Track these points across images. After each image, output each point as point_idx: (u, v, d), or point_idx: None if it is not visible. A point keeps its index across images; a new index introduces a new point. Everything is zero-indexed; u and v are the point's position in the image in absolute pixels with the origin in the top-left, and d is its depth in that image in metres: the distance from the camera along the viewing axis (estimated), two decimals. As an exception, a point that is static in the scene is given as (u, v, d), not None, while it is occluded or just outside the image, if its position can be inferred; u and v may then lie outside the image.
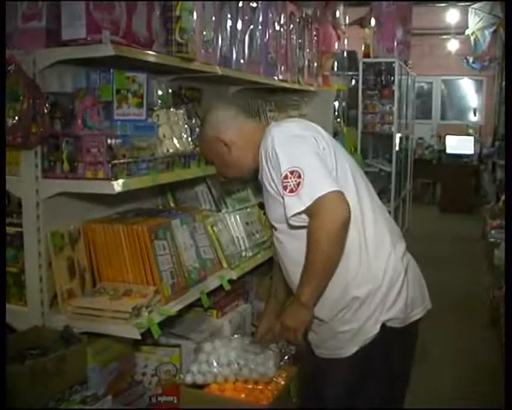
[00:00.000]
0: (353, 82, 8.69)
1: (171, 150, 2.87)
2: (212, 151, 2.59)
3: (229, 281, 3.22)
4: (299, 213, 2.19)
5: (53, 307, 2.68)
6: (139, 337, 2.53)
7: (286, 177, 2.19)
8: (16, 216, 2.74)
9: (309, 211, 2.16)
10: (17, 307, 2.73)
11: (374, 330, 2.33)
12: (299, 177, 2.17)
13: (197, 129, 3.17)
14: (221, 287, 3.18)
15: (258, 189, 3.38)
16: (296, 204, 2.17)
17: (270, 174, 2.30)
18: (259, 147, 2.40)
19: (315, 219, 2.17)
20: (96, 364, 2.66)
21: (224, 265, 3.26)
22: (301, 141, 2.30)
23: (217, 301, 3.43)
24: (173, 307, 2.76)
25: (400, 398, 2.56)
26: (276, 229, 2.43)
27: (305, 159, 2.23)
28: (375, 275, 2.33)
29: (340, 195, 2.16)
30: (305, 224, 2.22)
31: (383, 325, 2.34)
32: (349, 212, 2.17)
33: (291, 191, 2.17)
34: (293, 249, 2.37)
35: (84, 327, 2.57)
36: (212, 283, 3.11)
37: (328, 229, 2.15)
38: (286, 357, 3.12)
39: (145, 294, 2.66)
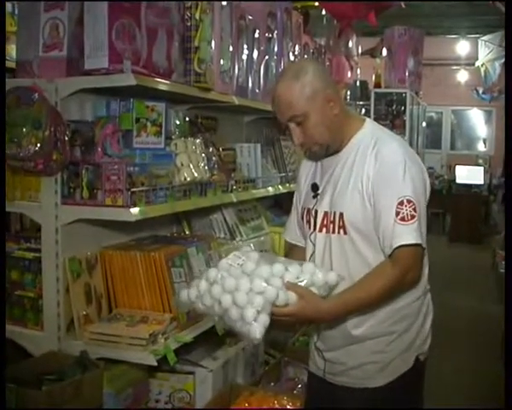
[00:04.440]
0: (364, 111, 8.73)
1: (188, 179, 2.90)
2: (313, 105, 2.20)
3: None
4: (407, 246, 2.10)
5: (69, 332, 2.70)
6: (155, 364, 2.55)
7: (402, 203, 2.10)
8: (34, 241, 2.77)
9: (400, 250, 2.11)
10: (34, 332, 2.74)
11: (406, 364, 2.31)
12: (415, 210, 2.11)
13: (213, 158, 3.21)
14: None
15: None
16: (407, 235, 2.09)
17: (377, 180, 2.17)
18: (347, 130, 2.29)
19: (398, 267, 2.12)
20: (112, 389, 2.67)
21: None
22: (421, 175, 2.23)
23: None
24: (189, 335, 2.78)
25: None
26: (345, 232, 2.24)
27: (421, 200, 2.18)
28: (413, 312, 2.32)
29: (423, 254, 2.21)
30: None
31: (416, 359, 2.33)
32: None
33: (402, 219, 2.09)
34: (350, 261, 2.25)
35: (101, 353, 2.59)
36: (227, 310, 3.12)
37: (400, 287, 2.19)
38: (299, 386, 3.12)
39: (161, 321, 2.68)
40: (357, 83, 8.75)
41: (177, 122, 3.12)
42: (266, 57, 3.87)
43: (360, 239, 2.22)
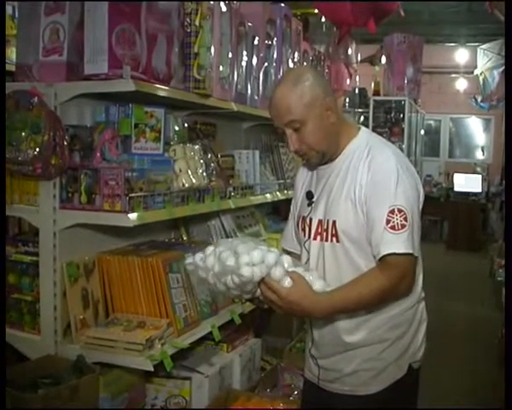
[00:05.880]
0: (363, 119, 8.75)
1: (186, 184, 2.91)
2: (312, 111, 2.20)
3: (240, 315, 3.23)
4: (396, 254, 2.11)
5: (66, 336, 2.70)
6: (152, 369, 2.55)
7: (393, 211, 2.11)
8: (32, 245, 2.77)
9: (390, 258, 2.12)
10: (30, 336, 2.75)
11: (400, 371, 2.32)
12: (405, 220, 2.11)
13: (212, 164, 3.22)
14: (232, 321, 3.20)
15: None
16: (396, 244, 2.10)
17: (370, 188, 2.18)
18: (342, 138, 2.31)
19: (387, 275, 2.13)
20: (108, 394, 2.67)
21: (236, 299, 3.27)
22: (414, 183, 2.24)
23: (227, 334, 3.44)
24: (185, 340, 2.78)
25: None
26: (337, 240, 2.25)
27: (414, 209, 2.18)
28: (407, 319, 2.33)
29: (415, 263, 2.21)
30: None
31: (409, 367, 2.34)
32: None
33: (392, 228, 2.10)
34: (343, 269, 2.26)
35: (97, 358, 2.59)
36: (224, 317, 3.13)
37: (392, 295, 2.20)
38: (295, 392, 3.12)
39: (158, 326, 2.68)
40: (356, 90, 8.77)
41: (176, 128, 3.13)
42: (265, 64, 3.87)
43: (352, 247, 2.23)
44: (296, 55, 4.39)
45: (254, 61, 3.69)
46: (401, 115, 8.26)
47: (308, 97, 2.20)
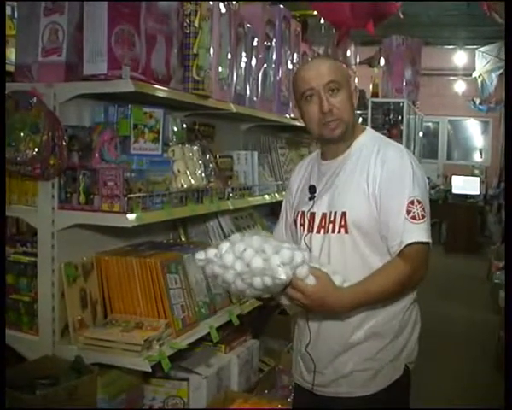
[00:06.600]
0: (361, 121, 8.75)
1: (185, 185, 2.91)
2: (347, 83, 2.33)
3: (239, 316, 3.23)
4: (417, 243, 2.16)
5: (64, 337, 2.70)
6: (150, 370, 2.55)
7: (412, 202, 2.18)
8: (30, 246, 2.77)
9: (411, 248, 2.17)
10: (28, 336, 2.74)
11: (397, 371, 2.32)
12: (424, 211, 2.19)
13: (210, 165, 3.22)
14: (230, 322, 3.19)
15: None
16: (418, 233, 2.16)
17: (386, 181, 2.23)
18: (352, 132, 2.36)
19: (409, 264, 2.17)
20: (105, 395, 2.66)
21: (234, 300, 3.27)
22: (424, 176, 2.32)
23: (225, 335, 3.43)
24: (183, 341, 2.78)
25: None
26: (346, 231, 2.26)
27: (426, 200, 2.25)
28: (405, 318, 2.34)
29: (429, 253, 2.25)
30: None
31: (405, 367, 2.34)
32: None
33: (413, 218, 2.17)
34: (349, 260, 2.27)
35: (95, 358, 2.59)
36: (222, 318, 3.13)
37: (410, 285, 2.23)
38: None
39: (156, 327, 2.68)
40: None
41: (175, 129, 3.13)
42: (264, 65, 3.88)
43: (361, 238, 2.25)
44: (295, 56, 4.40)
45: (253, 62, 3.70)
46: (399, 117, 8.25)
47: (345, 72, 2.38)
